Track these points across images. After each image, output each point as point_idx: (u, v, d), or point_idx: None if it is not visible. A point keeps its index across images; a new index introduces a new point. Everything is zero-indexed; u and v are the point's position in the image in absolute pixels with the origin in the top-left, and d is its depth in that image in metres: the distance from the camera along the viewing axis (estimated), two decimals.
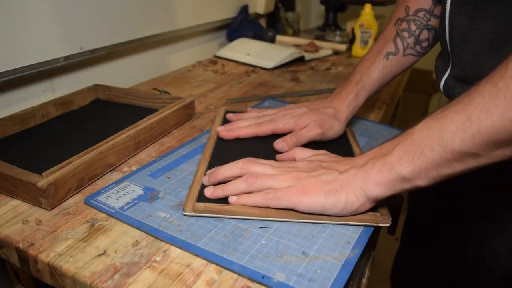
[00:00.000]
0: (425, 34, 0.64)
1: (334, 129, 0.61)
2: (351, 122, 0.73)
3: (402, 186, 0.40)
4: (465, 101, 0.36)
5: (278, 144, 0.57)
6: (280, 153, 0.56)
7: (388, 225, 0.44)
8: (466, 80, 0.50)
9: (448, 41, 0.52)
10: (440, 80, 0.56)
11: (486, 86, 0.34)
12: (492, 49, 0.46)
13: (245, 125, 0.63)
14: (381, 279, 0.94)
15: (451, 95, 0.53)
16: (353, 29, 1.30)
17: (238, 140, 0.61)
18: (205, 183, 0.49)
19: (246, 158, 0.49)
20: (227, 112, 0.71)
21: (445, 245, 0.75)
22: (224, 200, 0.46)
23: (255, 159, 0.49)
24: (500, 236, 0.55)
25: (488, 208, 0.57)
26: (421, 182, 0.38)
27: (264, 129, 0.61)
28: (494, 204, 0.56)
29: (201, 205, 0.45)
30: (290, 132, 0.61)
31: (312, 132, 0.59)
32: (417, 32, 0.64)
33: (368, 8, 1.25)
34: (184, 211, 0.45)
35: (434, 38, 0.65)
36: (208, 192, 0.47)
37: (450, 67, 0.53)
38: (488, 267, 0.58)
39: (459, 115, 0.35)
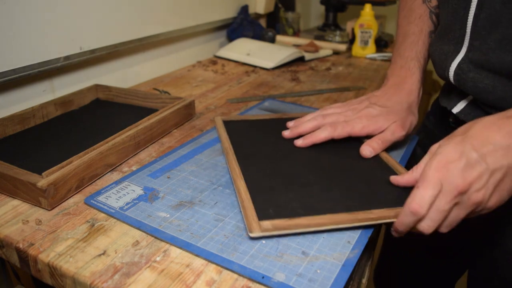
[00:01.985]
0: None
1: (413, 125, 0.59)
2: None
3: None
4: None
5: (365, 151, 0.55)
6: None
7: None
8: (484, 65, 0.49)
9: (470, 22, 0.50)
10: (449, 64, 0.54)
11: None
12: None
13: (320, 130, 0.58)
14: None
15: (464, 79, 0.52)
16: (353, 29, 1.30)
17: (257, 145, 0.58)
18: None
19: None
20: (224, 121, 0.66)
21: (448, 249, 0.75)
22: (290, 213, 0.43)
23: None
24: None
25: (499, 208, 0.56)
26: None
27: (341, 132, 0.57)
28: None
29: (268, 223, 0.41)
30: (368, 135, 0.58)
31: (397, 135, 0.57)
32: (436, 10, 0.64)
33: (368, 8, 1.25)
34: (250, 233, 0.40)
35: None
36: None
37: (465, 50, 0.52)
38: (497, 268, 0.57)
39: None
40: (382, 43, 1.33)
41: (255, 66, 1.11)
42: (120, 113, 0.72)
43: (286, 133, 0.60)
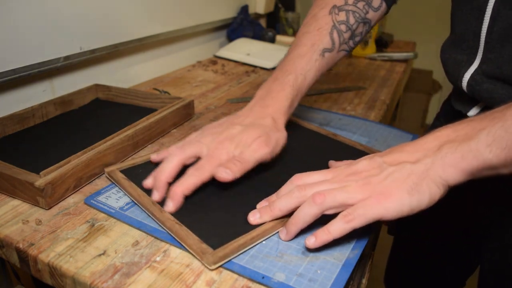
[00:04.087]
0: (360, 28, 0.59)
1: (280, 143, 0.51)
2: (351, 121, 0.73)
3: (486, 173, 0.37)
4: None
5: (221, 173, 0.45)
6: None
7: None
8: (499, 77, 0.47)
9: (484, 35, 0.48)
10: (462, 74, 0.52)
11: None
12: None
13: (186, 176, 0.46)
14: (381, 279, 0.94)
15: (478, 90, 0.50)
16: None
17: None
18: (255, 221, 0.43)
19: (295, 176, 0.42)
20: (121, 170, 0.52)
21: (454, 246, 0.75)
22: (238, 225, 0.42)
23: (304, 175, 0.42)
24: None
25: (502, 206, 0.56)
26: (506, 170, 0.36)
27: (207, 175, 0.46)
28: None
29: (220, 252, 0.39)
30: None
31: (259, 152, 0.48)
32: (354, 26, 0.58)
33: None
34: (209, 267, 0.38)
35: (366, 32, 0.60)
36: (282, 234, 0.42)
37: (479, 61, 0.50)
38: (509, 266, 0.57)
39: None
40: (382, 43, 1.33)
41: (255, 66, 1.11)
42: (120, 113, 0.72)
43: (156, 197, 0.46)
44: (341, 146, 0.61)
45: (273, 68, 1.08)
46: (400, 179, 0.38)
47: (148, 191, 0.47)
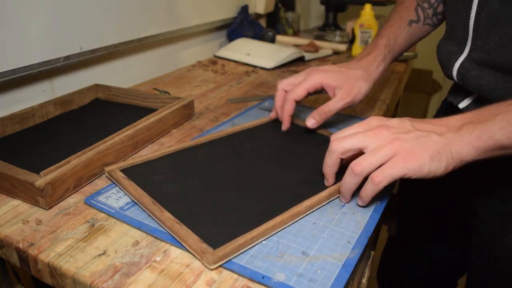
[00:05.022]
0: (441, 7, 0.67)
1: (362, 91, 0.61)
2: (351, 121, 0.73)
3: (497, 153, 0.41)
4: None
5: (308, 122, 0.61)
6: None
7: None
8: (487, 63, 0.51)
9: (472, 22, 0.51)
10: (453, 63, 0.55)
11: None
12: None
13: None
14: (377, 284, 0.94)
15: (467, 77, 0.53)
16: (353, 29, 1.30)
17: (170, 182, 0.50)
18: (329, 183, 0.50)
19: (332, 143, 0.46)
20: (121, 170, 0.52)
21: (444, 239, 0.76)
22: (238, 225, 0.42)
23: (340, 139, 0.46)
24: (509, 228, 0.56)
25: (495, 202, 0.58)
26: None
27: (302, 88, 0.61)
28: (501, 195, 0.56)
29: (220, 252, 0.38)
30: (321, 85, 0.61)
31: (342, 102, 0.59)
32: (435, 5, 0.67)
33: (368, 8, 1.25)
34: (209, 267, 0.38)
35: None
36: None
37: (468, 49, 0.53)
38: (496, 261, 0.58)
39: None
40: None
41: (255, 66, 1.11)
42: (120, 113, 0.72)
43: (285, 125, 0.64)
44: None
45: (273, 68, 1.08)
46: (426, 144, 0.42)
47: (148, 191, 0.47)
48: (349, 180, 0.44)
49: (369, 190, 0.43)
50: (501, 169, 0.54)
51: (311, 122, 0.61)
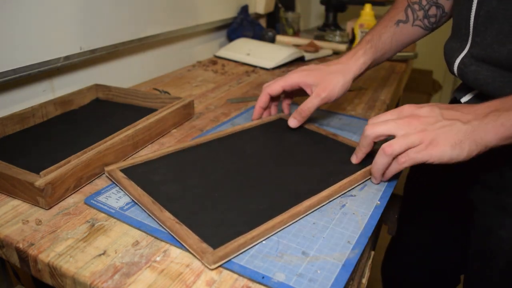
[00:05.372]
0: (433, 10, 0.68)
1: (337, 86, 0.63)
2: (351, 121, 0.73)
3: None
4: None
5: (290, 121, 0.64)
6: None
7: None
8: (484, 59, 0.53)
9: (472, 20, 0.53)
10: (455, 59, 0.58)
11: None
12: None
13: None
14: (381, 279, 0.94)
15: (466, 72, 0.56)
16: (353, 29, 1.30)
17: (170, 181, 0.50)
18: (356, 160, 0.55)
19: (366, 128, 0.50)
20: (121, 169, 0.52)
21: (445, 232, 0.77)
22: (239, 225, 0.42)
23: (374, 125, 0.50)
24: (503, 220, 0.57)
25: (491, 194, 0.59)
26: None
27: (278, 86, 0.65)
28: (497, 190, 0.58)
29: (220, 252, 0.38)
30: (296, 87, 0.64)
31: (318, 98, 0.61)
32: (426, 7, 0.68)
33: (368, 8, 1.25)
34: (209, 266, 0.38)
35: (441, 16, 0.68)
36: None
37: (468, 46, 0.55)
38: (491, 254, 0.59)
39: None
40: None
41: (255, 66, 1.11)
42: (119, 113, 0.72)
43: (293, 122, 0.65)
44: (341, 146, 0.61)
45: (273, 68, 1.08)
46: (449, 134, 0.45)
47: (148, 191, 0.47)
48: (380, 161, 0.49)
49: (393, 168, 0.49)
50: (497, 160, 0.55)
51: (293, 122, 0.64)
